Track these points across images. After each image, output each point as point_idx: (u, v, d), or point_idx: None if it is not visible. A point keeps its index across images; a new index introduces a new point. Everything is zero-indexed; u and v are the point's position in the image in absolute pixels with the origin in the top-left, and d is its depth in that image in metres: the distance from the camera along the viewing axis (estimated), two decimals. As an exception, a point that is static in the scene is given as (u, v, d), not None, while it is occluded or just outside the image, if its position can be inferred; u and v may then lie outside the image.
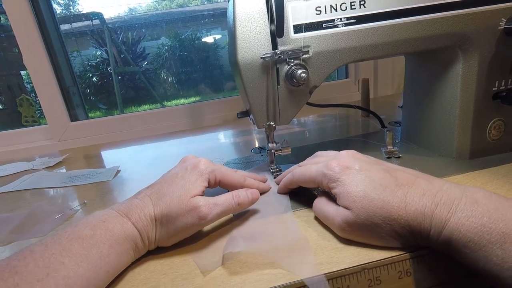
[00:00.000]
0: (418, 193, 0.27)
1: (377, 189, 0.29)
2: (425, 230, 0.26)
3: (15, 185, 0.60)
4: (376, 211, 0.28)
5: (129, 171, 0.62)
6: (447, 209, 0.26)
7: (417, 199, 0.27)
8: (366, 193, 0.29)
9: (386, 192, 0.28)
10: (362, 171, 0.31)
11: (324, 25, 0.38)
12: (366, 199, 0.28)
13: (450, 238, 0.25)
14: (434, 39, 0.40)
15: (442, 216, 0.26)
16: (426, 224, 0.26)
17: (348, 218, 0.29)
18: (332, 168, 0.32)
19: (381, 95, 0.98)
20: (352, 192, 0.29)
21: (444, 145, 0.46)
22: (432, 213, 0.26)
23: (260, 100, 0.41)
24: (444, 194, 0.27)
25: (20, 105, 0.97)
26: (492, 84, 0.42)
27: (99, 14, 1.37)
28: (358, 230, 0.30)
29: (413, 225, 0.27)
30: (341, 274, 0.28)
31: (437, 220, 0.26)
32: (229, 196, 0.34)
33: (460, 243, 0.25)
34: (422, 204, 0.27)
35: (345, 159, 0.32)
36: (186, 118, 0.92)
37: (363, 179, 0.30)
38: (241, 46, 0.38)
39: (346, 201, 0.30)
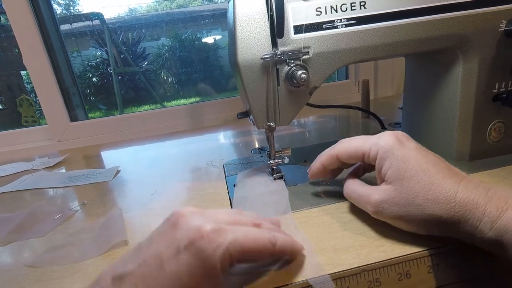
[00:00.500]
0: (472, 184, 0.26)
1: (429, 170, 0.27)
2: (474, 220, 0.25)
3: (15, 185, 0.60)
4: (421, 192, 0.26)
5: (129, 171, 0.62)
6: (503, 200, 0.24)
7: (471, 188, 0.25)
8: (416, 172, 0.27)
9: (438, 176, 0.26)
10: (417, 150, 0.29)
11: (325, 25, 0.38)
12: (414, 178, 0.27)
13: (506, 230, 0.23)
14: (435, 40, 0.40)
15: (498, 206, 0.24)
16: (478, 213, 0.24)
17: (388, 195, 0.28)
18: (386, 139, 0.30)
19: (381, 96, 0.98)
20: (401, 168, 0.28)
21: (444, 146, 0.46)
22: (486, 203, 0.24)
23: (260, 101, 0.41)
24: (497, 190, 0.25)
25: (20, 105, 0.97)
26: (492, 86, 0.42)
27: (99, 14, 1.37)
28: (394, 209, 0.28)
29: (460, 212, 0.25)
30: (341, 276, 0.28)
31: (492, 209, 0.24)
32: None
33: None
34: (476, 193, 0.25)
35: (400, 135, 0.30)
36: (186, 119, 0.92)
37: (417, 157, 0.28)
38: (241, 47, 0.38)
39: (393, 176, 0.28)
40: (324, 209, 0.38)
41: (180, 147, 0.76)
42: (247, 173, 0.49)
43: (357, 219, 0.35)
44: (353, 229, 0.33)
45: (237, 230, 0.24)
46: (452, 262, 0.29)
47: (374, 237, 0.31)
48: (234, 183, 0.47)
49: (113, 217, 0.42)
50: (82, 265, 0.34)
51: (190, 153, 0.69)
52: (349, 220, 0.35)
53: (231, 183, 0.48)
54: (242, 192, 0.43)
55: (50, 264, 0.35)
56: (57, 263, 0.35)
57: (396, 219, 0.29)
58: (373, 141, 0.31)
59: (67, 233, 0.41)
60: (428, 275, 0.29)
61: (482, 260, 0.29)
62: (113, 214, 0.43)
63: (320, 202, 0.39)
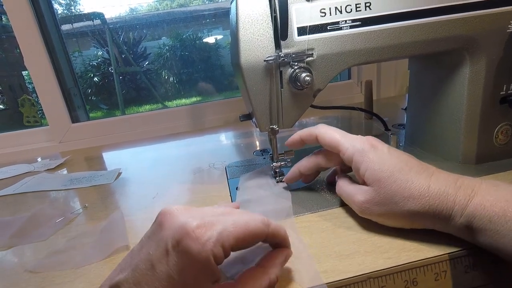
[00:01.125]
0: (442, 177, 0.28)
1: (403, 169, 0.29)
2: (447, 209, 0.27)
3: (16, 188, 0.60)
4: (398, 190, 0.28)
5: (130, 173, 0.62)
6: (470, 189, 0.27)
7: (441, 180, 0.28)
8: (391, 173, 0.29)
9: (412, 173, 0.29)
10: (389, 151, 0.31)
11: (329, 27, 0.37)
12: (390, 179, 0.29)
13: (473, 215, 0.26)
14: (441, 42, 0.39)
15: (466, 195, 0.26)
16: (449, 203, 0.27)
17: (369, 195, 0.30)
18: (361, 143, 0.32)
19: (384, 97, 0.97)
20: (377, 170, 0.30)
21: (449, 149, 0.45)
22: (455, 192, 0.27)
23: (263, 104, 0.40)
24: (464, 180, 0.28)
25: (22, 105, 0.97)
26: (500, 88, 0.41)
27: (100, 14, 1.36)
28: (376, 208, 0.30)
29: (434, 205, 0.27)
30: (346, 284, 0.27)
31: (461, 198, 0.26)
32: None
33: (485, 218, 0.25)
34: (445, 185, 0.27)
35: (373, 140, 0.33)
36: (187, 120, 0.92)
37: (390, 158, 0.30)
38: (244, 49, 0.37)
39: (370, 178, 0.30)
40: (327, 213, 0.37)
41: (181, 148, 0.75)
42: (250, 176, 0.48)
43: (362, 224, 0.34)
44: (358, 235, 0.33)
45: (225, 220, 0.23)
46: (460, 269, 0.29)
47: (379, 243, 0.31)
48: (236, 185, 0.46)
49: (115, 221, 0.42)
50: (84, 270, 0.34)
51: (191, 155, 0.68)
52: (353, 225, 0.34)
53: (234, 186, 0.47)
54: (244, 195, 0.43)
55: (52, 269, 0.34)
56: (59, 268, 0.34)
57: (379, 216, 0.31)
58: (350, 142, 0.33)
59: (68, 237, 0.40)
60: (435, 283, 0.28)
61: (491, 267, 0.29)
62: (114, 217, 0.43)
63: (324, 206, 0.38)
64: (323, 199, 0.40)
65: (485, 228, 0.25)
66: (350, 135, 0.35)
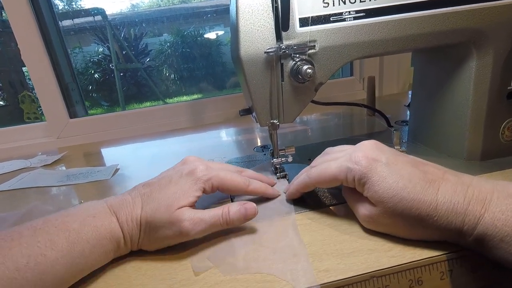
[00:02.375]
0: (449, 189, 0.26)
1: (407, 187, 0.27)
2: (457, 228, 0.26)
3: (12, 184, 0.59)
4: (405, 210, 0.27)
5: (128, 169, 0.61)
6: (480, 204, 0.25)
7: (448, 197, 0.26)
8: (395, 192, 0.27)
9: (417, 189, 0.27)
10: (389, 165, 0.29)
11: (332, 18, 0.36)
12: (395, 198, 0.27)
13: (484, 234, 0.24)
14: (447, 34, 0.38)
15: (476, 212, 0.25)
16: (458, 222, 0.25)
17: (373, 214, 0.29)
18: (358, 162, 0.30)
19: (386, 94, 0.96)
20: (380, 191, 0.28)
21: (454, 145, 0.44)
22: (465, 211, 0.25)
23: (263, 97, 0.39)
24: (475, 189, 0.26)
25: (22, 101, 0.96)
26: (507, 82, 0.40)
27: (101, 10, 1.35)
28: (382, 225, 0.30)
29: (443, 223, 0.26)
30: (348, 283, 0.26)
31: (471, 217, 0.25)
32: (218, 212, 0.32)
33: (496, 238, 0.24)
34: (454, 202, 0.26)
35: (369, 151, 0.30)
36: (187, 116, 0.91)
37: (392, 174, 0.28)
38: (244, 40, 0.36)
39: (373, 199, 0.29)
40: (329, 210, 0.36)
41: (181, 144, 0.74)
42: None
43: (365, 221, 0.33)
44: (361, 232, 0.31)
45: (221, 170, 0.35)
46: (467, 268, 0.28)
47: (383, 241, 0.30)
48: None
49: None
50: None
51: (191, 151, 0.67)
52: (356, 223, 0.33)
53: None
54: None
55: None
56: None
57: (386, 230, 0.30)
58: (346, 166, 0.30)
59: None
60: (441, 282, 0.27)
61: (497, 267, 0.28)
62: None
63: (326, 203, 0.37)
64: (325, 196, 0.39)
65: (497, 247, 0.24)
66: (343, 156, 0.32)
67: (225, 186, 0.35)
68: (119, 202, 0.32)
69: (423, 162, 0.30)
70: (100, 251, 0.29)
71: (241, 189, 0.36)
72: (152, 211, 0.31)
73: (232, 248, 0.31)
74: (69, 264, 0.27)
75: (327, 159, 0.34)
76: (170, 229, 0.30)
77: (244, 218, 0.32)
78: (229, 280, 0.27)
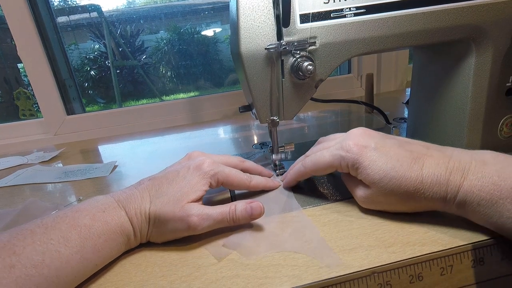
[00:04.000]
0: (433, 163, 0.29)
1: (395, 166, 0.30)
2: (441, 197, 0.28)
3: (9, 180, 0.58)
4: (394, 188, 0.30)
5: (126, 166, 0.60)
6: (459, 174, 0.28)
7: (432, 170, 0.29)
8: (385, 172, 0.30)
9: (403, 168, 0.29)
10: (378, 149, 0.31)
11: (332, 14, 0.36)
12: (385, 178, 0.30)
13: (464, 200, 0.27)
14: (447, 31, 0.38)
15: (456, 181, 0.28)
16: (441, 192, 0.28)
17: (368, 194, 0.32)
18: (349, 150, 0.32)
19: (384, 91, 0.96)
20: (372, 174, 0.31)
21: (453, 142, 0.44)
22: (447, 181, 0.28)
23: (264, 94, 0.39)
24: (455, 161, 0.29)
25: (17, 98, 0.95)
26: (506, 79, 0.40)
27: (97, 6, 1.34)
28: (377, 203, 0.32)
29: (430, 195, 0.29)
30: (349, 279, 0.26)
31: (452, 186, 0.28)
32: (225, 210, 0.32)
33: (474, 202, 0.27)
34: (437, 174, 0.28)
35: (359, 138, 0.33)
36: (185, 113, 0.90)
37: (380, 157, 0.31)
38: (244, 36, 0.36)
39: (366, 181, 0.31)
40: (329, 207, 0.36)
41: (179, 141, 0.74)
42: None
43: (365, 218, 0.33)
44: (361, 229, 0.32)
45: (226, 167, 0.36)
46: (467, 264, 0.28)
47: (383, 236, 0.30)
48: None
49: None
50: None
51: (189, 148, 0.67)
52: (356, 219, 0.33)
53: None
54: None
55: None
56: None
57: (380, 207, 0.33)
58: (339, 154, 0.33)
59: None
60: (441, 278, 0.28)
61: (498, 262, 0.28)
62: None
63: (326, 199, 0.38)
64: (325, 192, 0.39)
65: (475, 211, 0.27)
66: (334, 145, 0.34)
67: (229, 181, 0.36)
68: (127, 197, 0.32)
69: (408, 141, 0.33)
70: (112, 245, 0.30)
71: (243, 185, 0.38)
72: (161, 205, 0.31)
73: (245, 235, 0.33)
74: (83, 259, 0.27)
75: (320, 148, 0.37)
76: (179, 223, 0.31)
77: (250, 217, 0.33)
78: (230, 276, 0.27)
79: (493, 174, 0.26)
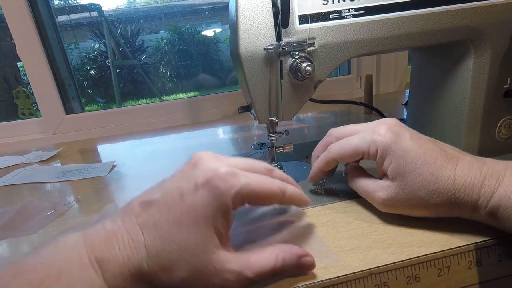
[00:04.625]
0: (466, 165, 0.28)
1: (427, 161, 0.28)
2: (473, 201, 0.27)
3: (6, 179, 0.58)
4: (423, 184, 0.28)
5: (125, 166, 0.60)
6: (495, 179, 0.26)
7: (466, 172, 0.27)
8: (415, 166, 0.28)
9: (437, 164, 0.28)
10: (412, 139, 0.29)
11: (332, 15, 0.36)
12: (415, 172, 0.28)
13: (498, 206, 0.26)
14: (446, 32, 0.38)
15: (491, 185, 0.26)
16: (474, 195, 0.27)
17: (392, 192, 0.30)
18: (382, 134, 0.30)
19: (383, 92, 0.96)
20: (402, 164, 0.29)
21: (451, 143, 0.43)
22: (481, 184, 0.27)
23: (262, 95, 0.39)
24: (489, 166, 0.27)
25: (17, 97, 0.95)
26: (504, 81, 0.40)
27: (97, 6, 1.34)
28: (399, 203, 0.30)
29: (460, 197, 0.27)
30: (347, 280, 0.26)
31: (486, 189, 0.26)
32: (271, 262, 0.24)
33: (509, 208, 0.25)
34: (471, 176, 0.27)
35: (393, 125, 0.31)
36: (184, 113, 0.90)
37: (414, 149, 0.29)
38: (243, 37, 0.36)
39: (394, 172, 0.29)
40: (328, 207, 0.36)
41: (178, 141, 0.74)
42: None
43: (363, 218, 0.33)
44: (359, 229, 0.32)
45: (249, 175, 0.25)
46: (464, 265, 0.28)
47: (381, 238, 0.30)
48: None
49: (109, 214, 0.40)
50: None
51: (188, 148, 0.67)
52: (354, 220, 0.33)
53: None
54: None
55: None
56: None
57: (403, 210, 0.30)
58: (369, 138, 0.31)
59: (59, 230, 0.39)
60: (438, 279, 0.28)
61: (496, 263, 0.28)
62: (108, 210, 0.41)
63: (324, 200, 0.38)
64: (323, 193, 0.39)
65: (510, 218, 0.26)
66: (365, 130, 0.32)
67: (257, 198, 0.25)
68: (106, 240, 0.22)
69: (441, 142, 0.31)
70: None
71: (275, 199, 0.27)
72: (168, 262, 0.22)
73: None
74: None
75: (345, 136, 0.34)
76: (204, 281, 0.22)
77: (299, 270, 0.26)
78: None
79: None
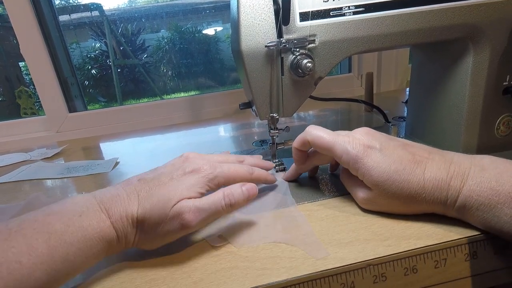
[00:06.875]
0: (434, 168, 0.29)
1: (398, 169, 0.30)
2: (442, 201, 0.29)
3: (12, 176, 0.59)
4: (397, 191, 0.30)
5: (128, 163, 0.61)
6: (460, 179, 0.28)
7: (433, 175, 0.29)
8: (389, 175, 0.30)
9: (406, 171, 0.30)
10: (382, 150, 0.31)
11: (332, 13, 0.37)
12: (388, 181, 0.30)
13: (464, 205, 0.28)
14: (445, 30, 0.38)
15: (456, 186, 0.28)
16: (442, 196, 0.29)
17: (369, 196, 0.32)
18: (355, 147, 0.32)
19: (384, 90, 0.96)
20: (375, 176, 0.30)
21: (450, 140, 0.45)
22: (447, 186, 0.28)
23: (263, 91, 0.40)
24: (456, 166, 0.29)
25: (19, 97, 0.96)
26: (503, 78, 0.40)
27: (99, 5, 1.35)
28: (378, 205, 0.33)
29: (431, 199, 0.29)
30: (346, 270, 0.27)
31: (452, 191, 0.28)
32: (219, 197, 0.30)
33: (473, 207, 0.27)
34: (438, 179, 0.29)
35: (365, 138, 0.33)
36: (185, 111, 0.91)
37: (385, 159, 0.30)
38: (245, 34, 0.37)
39: (368, 183, 0.31)
40: (327, 202, 0.37)
41: (179, 139, 0.75)
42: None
43: (361, 213, 0.34)
44: (358, 223, 0.32)
45: (224, 165, 0.34)
46: (460, 257, 0.28)
47: (379, 231, 0.31)
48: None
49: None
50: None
51: (190, 146, 0.68)
52: (353, 214, 0.34)
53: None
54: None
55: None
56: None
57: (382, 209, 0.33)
58: (343, 148, 0.32)
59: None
60: (435, 271, 0.28)
61: (492, 255, 0.29)
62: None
63: (323, 195, 0.38)
64: (323, 188, 0.40)
65: (474, 215, 0.28)
66: (341, 137, 0.34)
67: (230, 180, 0.33)
68: (111, 197, 0.29)
69: (411, 144, 0.33)
70: (88, 253, 0.26)
71: (245, 179, 0.35)
72: (150, 207, 0.29)
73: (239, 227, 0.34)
74: (50, 269, 0.24)
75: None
76: (170, 224, 0.29)
77: (247, 198, 0.32)
78: (229, 267, 0.28)
79: (491, 179, 0.27)
